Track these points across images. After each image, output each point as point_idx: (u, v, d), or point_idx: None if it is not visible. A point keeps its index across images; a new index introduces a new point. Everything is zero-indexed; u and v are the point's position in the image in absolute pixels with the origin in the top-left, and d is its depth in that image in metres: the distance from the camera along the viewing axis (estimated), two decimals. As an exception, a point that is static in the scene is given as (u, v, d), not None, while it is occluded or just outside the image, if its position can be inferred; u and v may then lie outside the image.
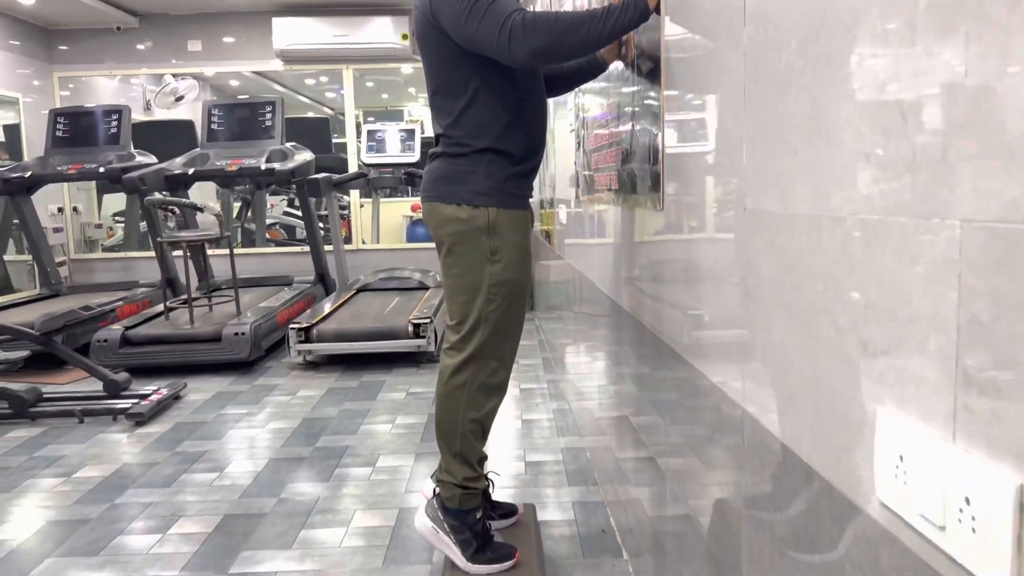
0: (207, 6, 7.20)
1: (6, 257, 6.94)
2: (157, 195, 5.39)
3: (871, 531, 0.85)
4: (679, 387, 1.74)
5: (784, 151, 1.09)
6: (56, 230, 7.26)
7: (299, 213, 9.62)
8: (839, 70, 0.91)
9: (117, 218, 9.03)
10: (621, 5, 1.82)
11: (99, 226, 8.20)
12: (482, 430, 2.21)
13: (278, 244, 9.32)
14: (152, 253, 7.73)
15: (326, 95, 11.69)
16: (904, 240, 0.77)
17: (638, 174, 2.11)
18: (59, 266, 6.95)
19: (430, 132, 2.47)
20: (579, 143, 3.36)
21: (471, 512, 2.22)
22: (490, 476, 2.45)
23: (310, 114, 12.54)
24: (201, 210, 5.36)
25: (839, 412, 0.93)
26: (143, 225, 8.66)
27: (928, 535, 0.73)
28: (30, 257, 7.06)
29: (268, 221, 9.59)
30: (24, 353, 4.24)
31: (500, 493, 3.06)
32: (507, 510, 2.48)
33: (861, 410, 0.87)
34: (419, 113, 14.31)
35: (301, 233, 9.53)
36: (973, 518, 0.66)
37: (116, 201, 8.77)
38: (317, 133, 8.79)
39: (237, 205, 8.95)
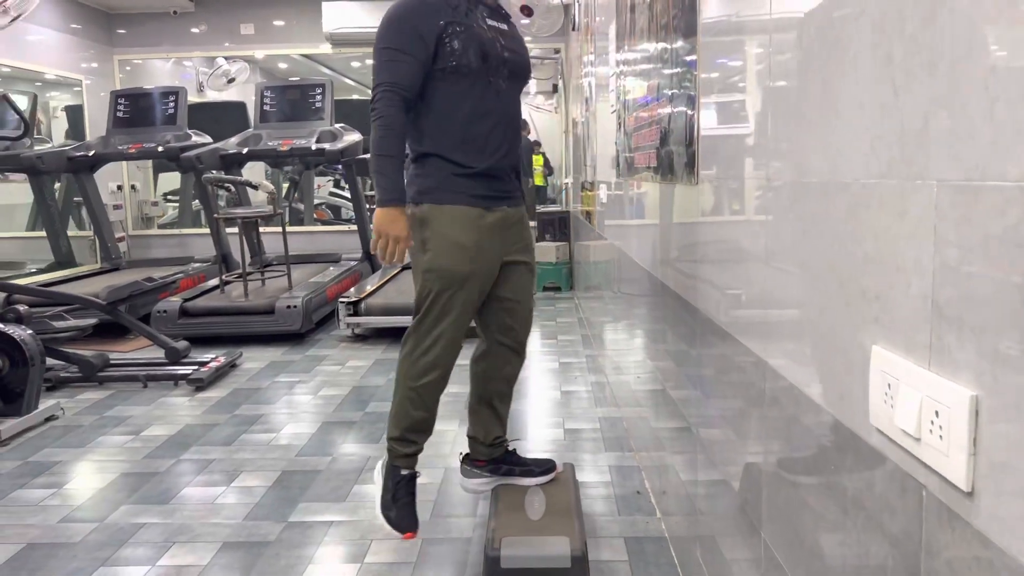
0: (260, -10, 7.42)
1: (69, 233, 7.28)
2: (213, 173, 5.62)
3: (867, 453, 0.99)
4: (714, 356, 1.88)
5: (801, 126, 1.22)
6: (116, 207, 7.57)
7: (346, 194, 9.88)
8: (845, 53, 1.04)
9: (169, 197, 9.36)
10: (385, 183, 2.16)
11: (155, 203, 8.51)
12: (421, 401, 2.35)
13: (324, 224, 9.59)
14: (205, 230, 8.04)
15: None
16: (894, 199, 0.90)
17: (675, 152, 2.24)
18: (118, 242, 7.26)
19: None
20: (620, 124, 3.48)
21: (396, 469, 2.40)
22: (509, 441, 2.63)
23: (356, 96, 12.79)
24: (255, 187, 5.58)
25: (842, 354, 1.06)
26: (196, 203, 9.01)
27: (908, 447, 0.87)
28: (91, 233, 7.39)
29: (315, 202, 9.86)
30: (92, 321, 4.50)
31: (541, 456, 3.22)
32: (546, 467, 2.63)
33: (860, 350, 1.01)
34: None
35: (346, 214, 9.79)
36: (940, 427, 0.80)
37: (170, 180, 9.09)
38: (364, 114, 8.97)
39: (285, 186, 9.21)
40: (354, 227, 7.34)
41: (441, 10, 2.19)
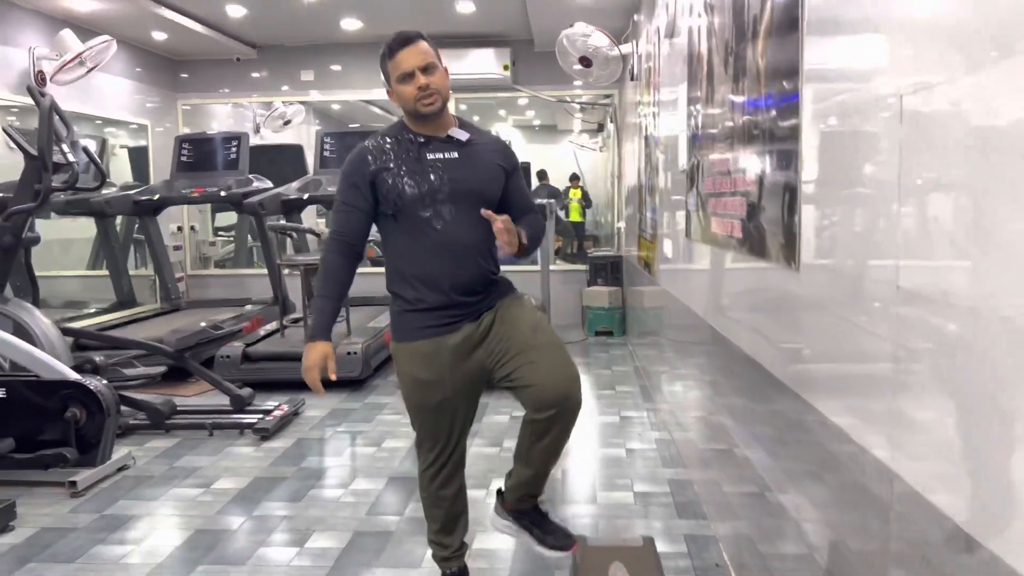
0: (320, 38, 7.58)
1: (129, 272, 7.44)
2: (279, 221, 5.73)
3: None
4: (812, 445, 1.85)
5: (944, 243, 1.20)
6: (176, 248, 7.74)
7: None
8: (1007, 176, 1.03)
9: (221, 233, 9.51)
10: (312, 320, 2.31)
11: (212, 243, 8.68)
12: (436, 506, 2.51)
13: (373, 262, 9.69)
14: (261, 270, 8.16)
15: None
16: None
17: (768, 230, 2.22)
18: (178, 282, 7.40)
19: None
20: (693, 184, 3.47)
21: (442, 571, 2.57)
22: (541, 500, 2.54)
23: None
24: (318, 235, 5.66)
25: (994, 479, 1.04)
26: (251, 240, 9.18)
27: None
28: (149, 272, 7.55)
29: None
30: (162, 369, 4.58)
31: (613, 523, 3.19)
32: (562, 543, 2.46)
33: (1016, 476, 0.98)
34: (507, 134, 14.64)
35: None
36: None
37: (226, 216, 9.26)
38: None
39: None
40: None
41: (373, 157, 2.27)
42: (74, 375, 3.78)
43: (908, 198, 1.33)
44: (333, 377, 2.33)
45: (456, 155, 2.28)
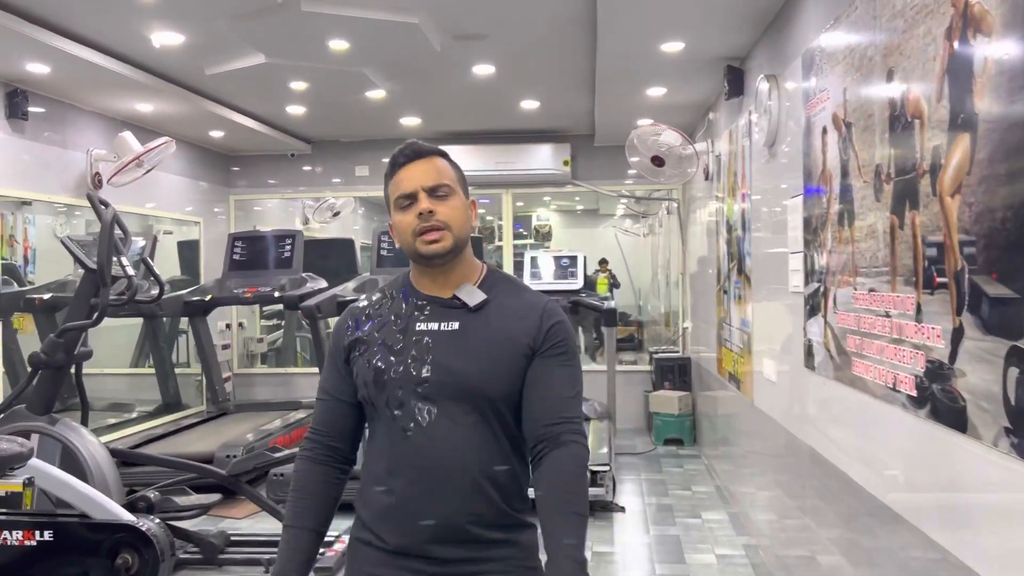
0: (377, 134, 7.46)
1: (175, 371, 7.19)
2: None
3: None
4: None
5: None
6: (224, 347, 7.49)
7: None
8: None
9: (265, 321, 9.23)
10: (277, 565, 1.59)
11: (260, 340, 8.43)
12: None
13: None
14: (310, 369, 7.90)
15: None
16: None
17: (970, 401, 1.86)
18: (225, 381, 7.12)
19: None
20: (816, 312, 3.12)
21: None
22: None
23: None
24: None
25: None
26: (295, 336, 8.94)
27: None
28: (193, 370, 7.30)
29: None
30: (217, 498, 4.24)
31: None
32: None
33: None
34: (546, 217, 14.49)
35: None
36: None
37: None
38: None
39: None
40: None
41: (353, 322, 1.65)
42: (127, 516, 3.45)
43: None
44: None
45: (455, 327, 1.57)
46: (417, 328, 1.59)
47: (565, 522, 1.48)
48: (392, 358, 1.57)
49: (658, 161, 5.68)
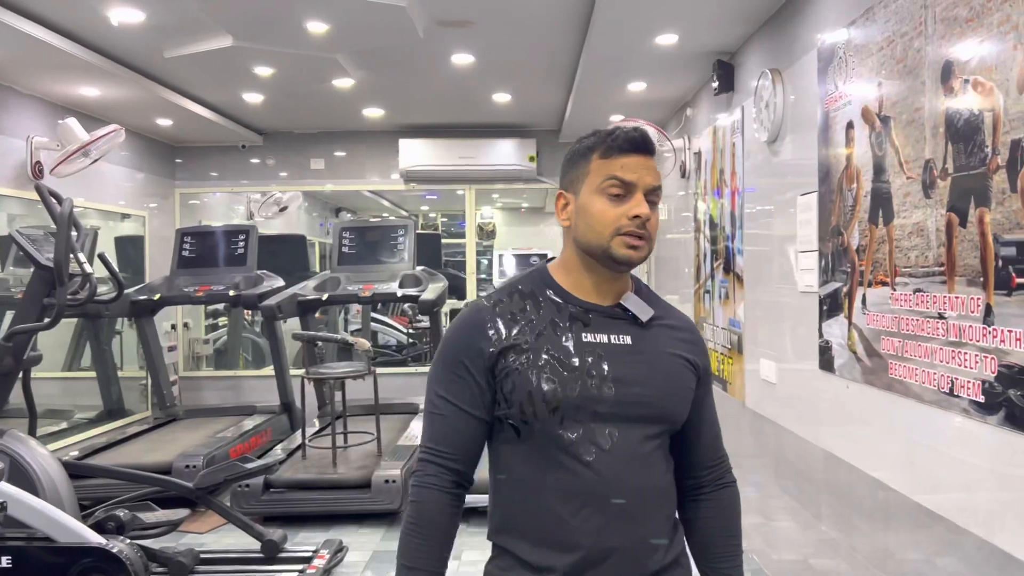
0: (334, 126, 7.15)
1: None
2: (305, 331, 5.17)
3: None
4: None
5: None
6: (170, 348, 7.07)
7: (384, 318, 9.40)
8: None
9: (210, 319, 8.80)
10: None
11: (207, 341, 8.01)
12: None
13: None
14: (260, 371, 7.53)
15: (420, 207, 11.75)
16: None
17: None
18: (171, 385, 6.72)
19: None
20: (838, 311, 3.03)
21: None
22: None
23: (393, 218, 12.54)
24: (351, 345, 5.10)
25: None
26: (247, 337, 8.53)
27: None
28: (135, 374, 6.87)
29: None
30: (185, 514, 3.91)
31: None
32: None
33: None
34: (489, 215, 14.30)
35: (382, 339, 9.28)
36: None
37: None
38: (430, 249, 8.61)
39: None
40: (421, 368, 6.84)
41: (498, 325, 1.42)
42: (96, 537, 3.14)
43: None
44: None
45: (629, 341, 1.41)
46: (584, 339, 1.40)
47: (733, 566, 1.50)
48: (565, 372, 1.36)
49: (635, 157, 5.55)
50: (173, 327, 7.39)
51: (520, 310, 1.43)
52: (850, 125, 2.91)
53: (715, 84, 4.52)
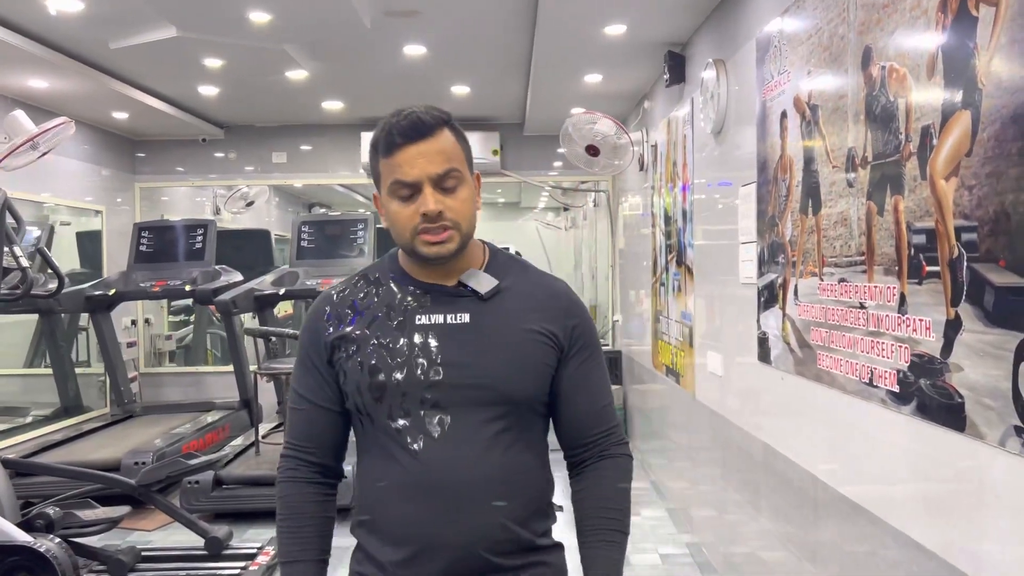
0: (296, 119, 7.08)
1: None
2: (256, 325, 5.11)
3: None
4: None
5: None
6: (130, 344, 6.98)
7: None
8: None
9: (173, 317, 8.71)
10: None
11: (168, 337, 7.93)
12: None
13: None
14: (220, 368, 7.45)
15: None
16: None
17: (970, 398, 1.74)
18: (131, 382, 6.63)
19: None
20: (774, 303, 3.01)
21: None
22: None
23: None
24: (302, 340, 5.03)
25: None
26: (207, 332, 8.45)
27: None
28: (94, 369, 6.79)
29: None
30: (125, 510, 3.84)
31: None
32: None
33: None
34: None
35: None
36: None
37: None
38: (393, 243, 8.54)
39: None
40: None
41: (333, 315, 1.39)
42: (22, 536, 3.09)
43: None
44: None
45: (466, 319, 1.34)
46: (418, 322, 1.34)
47: (607, 542, 1.37)
48: (390, 359, 1.32)
49: (593, 151, 5.53)
50: (133, 323, 7.30)
51: (362, 297, 1.40)
52: (784, 115, 2.89)
53: (666, 76, 4.49)
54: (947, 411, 1.84)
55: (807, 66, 2.67)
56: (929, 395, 1.92)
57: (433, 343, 1.32)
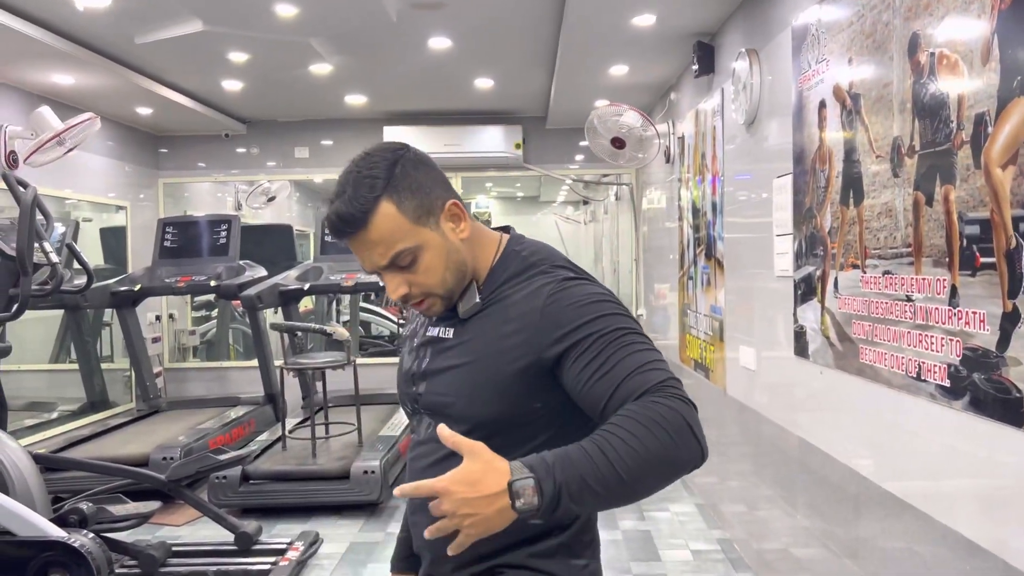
0: (318, 114, 7.07)
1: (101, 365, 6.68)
2: (283, 321, 5.11)
3: None
4: None
5: None
6: (155, 340, 7.00)
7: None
8: None
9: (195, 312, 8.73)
10: None
11: (192, 332, 7.95)
12: None
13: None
14: (245, 363, 7.46)
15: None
16: None
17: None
18: (156, 377, 6.66)
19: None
20: (811, 296, 2.96)
21: None
22: None
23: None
24: (329, 335, 5.04)
25: None
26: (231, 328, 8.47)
27: None
28: (119, 364, 6.81)
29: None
30: (156, 506, 3.85)
31: None
32: None
33: None
34: (486, 204, 14.21)
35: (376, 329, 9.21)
36: None
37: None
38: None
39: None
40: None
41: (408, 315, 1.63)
42: (57, 531, 3.09)
43: None
44: None
45: (450, 335, 1.33)
46: (427, 333, 1.40)
47: (581, 443, 1.09)
48: (402, 368, 1.45)
49: (618, 143, 5.48)
50: (157, 318, 7.33)
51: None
52: (822, 104, 2.84)
53: (695, 66, 4.44)
54: (1003, 406, 1.79)
55: (848, 54, 2.62)
56: (984, 389, 1.87)
57: (426, 356, 1.37)
